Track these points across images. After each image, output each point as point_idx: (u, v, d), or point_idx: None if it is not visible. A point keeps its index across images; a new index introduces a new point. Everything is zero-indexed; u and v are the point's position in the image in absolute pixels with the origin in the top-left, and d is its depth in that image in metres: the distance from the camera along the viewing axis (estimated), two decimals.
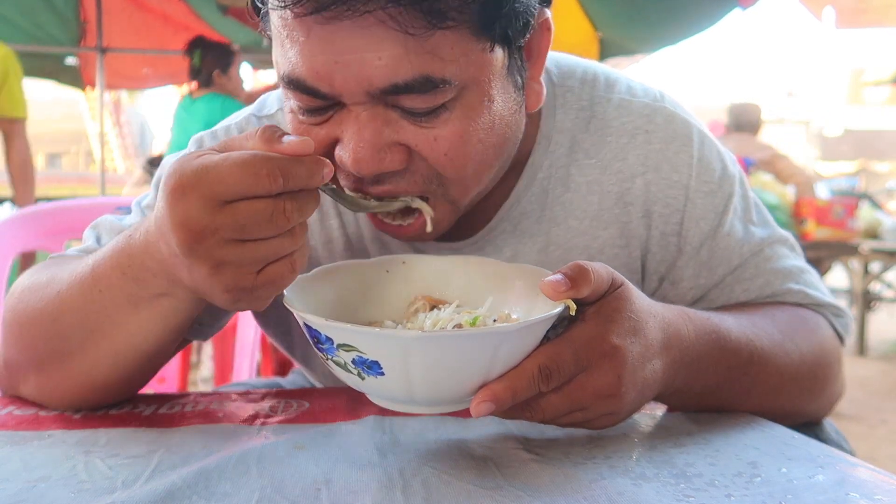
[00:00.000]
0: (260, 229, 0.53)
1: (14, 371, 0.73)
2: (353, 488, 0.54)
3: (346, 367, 0.55)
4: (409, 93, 0.59)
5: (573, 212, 0.80)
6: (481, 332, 0.53)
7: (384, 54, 0.57)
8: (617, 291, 0.60)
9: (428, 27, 0.56)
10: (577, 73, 0.83)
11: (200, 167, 0.52)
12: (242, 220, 0.52)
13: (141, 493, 0.53)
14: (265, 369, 2.38)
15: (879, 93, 17.97)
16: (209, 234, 0.53)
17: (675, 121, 0.81)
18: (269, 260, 0.55)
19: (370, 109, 0.60)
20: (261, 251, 0.54)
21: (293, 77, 0.60)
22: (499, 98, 0.64)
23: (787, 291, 0.81)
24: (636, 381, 0.59)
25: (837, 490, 0.54)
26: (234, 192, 0.52)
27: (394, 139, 0.62)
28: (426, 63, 0.58)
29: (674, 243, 0.81)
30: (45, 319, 0.68)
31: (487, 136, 0.64)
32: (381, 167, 0.62)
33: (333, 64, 0.58)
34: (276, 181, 0.52)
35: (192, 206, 0.52)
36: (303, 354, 0.91)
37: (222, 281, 0.55)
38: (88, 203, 1.86)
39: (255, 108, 0.86)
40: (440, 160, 0.63)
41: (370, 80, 0.58)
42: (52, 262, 0.77)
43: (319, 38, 0.57)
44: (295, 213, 0.54)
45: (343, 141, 0.62)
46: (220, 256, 0.54)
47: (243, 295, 0.56)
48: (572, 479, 0.55)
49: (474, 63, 0.60)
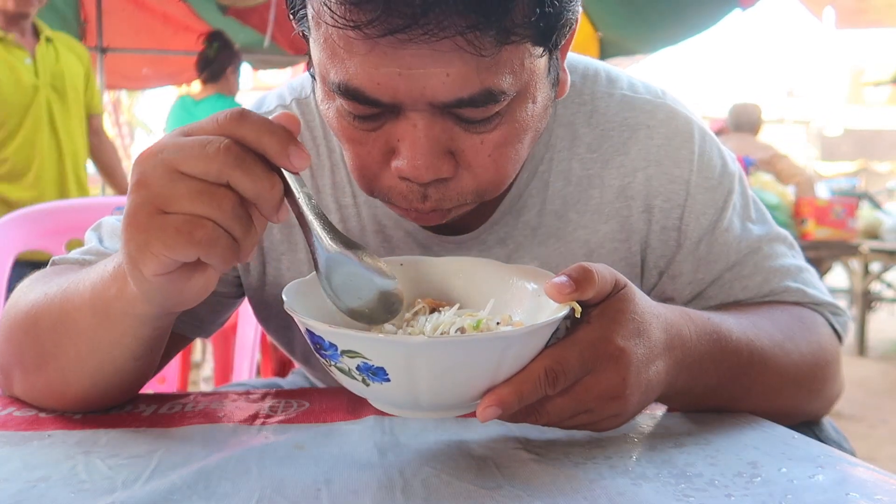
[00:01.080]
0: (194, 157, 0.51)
1: (7, 373, 0.74)
2: (353, 488, 0.54)
3: (351, 374, 0.55)
4: (470, 106, 0.58)
5: (574, 205, 0.80)
6: (488, 337, 0.53)
7: (452, 71, 0.56)
8: (620, 293, 0.60)
9: (496, 46, 0.55)
10: (578, 70, 0.83)
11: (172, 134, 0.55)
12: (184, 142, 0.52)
13: (141, 493, 0.52)
14: (265, 369, 2.38)
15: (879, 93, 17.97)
16: (157, 150, 0.52)
17: (677, 117, 0.81)
18: (179, 205, 0.51)
19: (428, 118, 0.59)
20: (179, 185, 0.51)
21: (351, 87, 0.58)
22: (540, 98, 0.64)
23: (785, 290, 0.82)
24: (641, 382, 0.59)
25: (837, 490, 0.54)
26: (198, 128, 0.53)
27: (447, 146, 0.61)
28: (489, 78, 0.57)
29: (673, 238, 0.81)
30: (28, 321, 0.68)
31: (526, 135, 0.65)
32: (438, 174, 0.61)
33: (398, 76, 0.56)
34: (233, 118, 0.53)
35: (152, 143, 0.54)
36: (303, 352, 0.91)
37: (132, 199, 0.52)
38: (88, 203, 1.87)
39: (254, 106, 0.87)
40: (484, 162, 0.63)
41: (435, 94, 0.57)
42: (53, 270, 0.77)
43: (385, 54, 0.55)
44: (239, 172, 0.51)
45: (400, 150, 0.61)
46: (148, 172, 0.52)
47: (135, 231, 0.52)
48: (572, 479, 0.55)
49: (528, 70, 0.60)
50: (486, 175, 0.64)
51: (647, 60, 6.25)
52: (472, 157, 0.62)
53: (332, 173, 0.82)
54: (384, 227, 0.81)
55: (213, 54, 3.44)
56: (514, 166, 0.66)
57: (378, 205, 0.81)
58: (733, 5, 4.02)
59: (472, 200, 0.66)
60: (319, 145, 0.83)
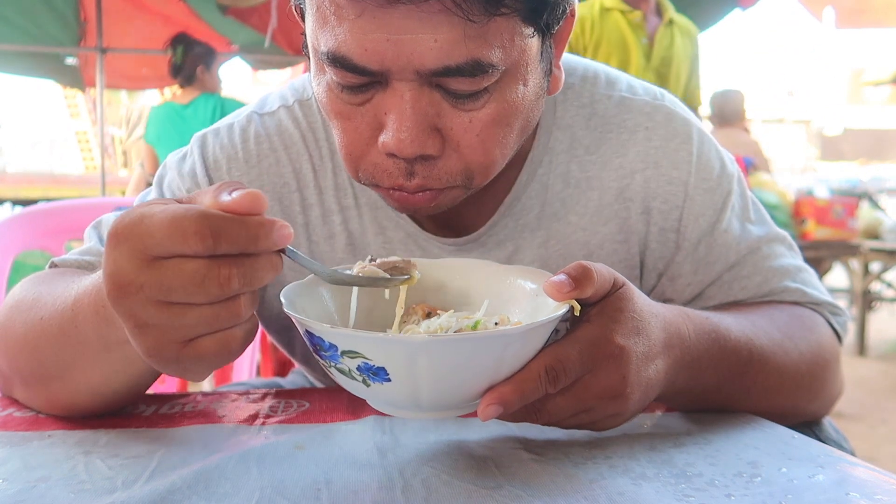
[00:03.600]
0: (188, 293, 0.46)
1: (6, 379, 0.74)
2: (353, 488, 0.54)
3: (351, 374, 0.54)
4: (458, 76, 0.59)
5: (573, 207, 0.80)
6: (489, 335, 0.53)
7: (440, 37, 0.56)
8: (619, 291, 0.60)
9: (486, 14, 0.56)
10: (578, 71, 0.83)
11: (137, 218, 0.47)
12: (168, 281, 0.46)
13: (141, 493, 0.52)
14: (265, 369, 2.38)
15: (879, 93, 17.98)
16: (134, 291, 0.47)
17: (675, 119, 0.81)
18: (199, 331, 0.49)
19: (416, 89, 0.60)
20: (187, 318, 0.47)
21: (339, 54, 0.58)
22: (531, 83, 0.65)
23: (784, 289, 0.82)
24: (640, 381, 0.59)
25: (837, 490, 0.54)
26: (163, 248, 0.46)
27: (435, 122, 0.62)
28: (478, 48, 0.57)
29: (672, 239, 0.81)
30: (27, 343, 0.67)
31: (516, 119, 0.65)
32: (423, 149, 0.61)
33: (385, 41, 0.57)
34: (205, 241, 0.45)
35: (120, 257, 0.47)
36: (303, 353, 0.91)
37: (145, 343, 0.49)
38: (88, 203, 1.87)
39: (256, 106, 0.86)
40: (472, 142, 0.63)
41: (422, 61, 0.57)
42: (45, 276, 0.75)
43: (373, 17, 0.56)
44: (235, 280, 0.46)
45: (387, 123, 0.61)
46: (143, 317, 0.48)
47: (167, 364, 0.50)
48: (572, 479, 0.55)
49: (518, 48, 0.60)
50: (474, 156, 0.64)
51: None
52: (460, 136, 0.63)
53: (335, 175, 0.82)
54: (385, 228, 0.81)
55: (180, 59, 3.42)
56: (503, 150, 0.66)
57: (380, 206, 0.81)
58: (733, 5, 4.03)
59: (462, 183, 0.66)
60: (322, 147, 0.83)
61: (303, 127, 0.83)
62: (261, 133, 0.83)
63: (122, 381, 0.65)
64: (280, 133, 0.83)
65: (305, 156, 0.82)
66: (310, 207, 0.82)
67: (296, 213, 0.82)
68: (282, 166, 0.82)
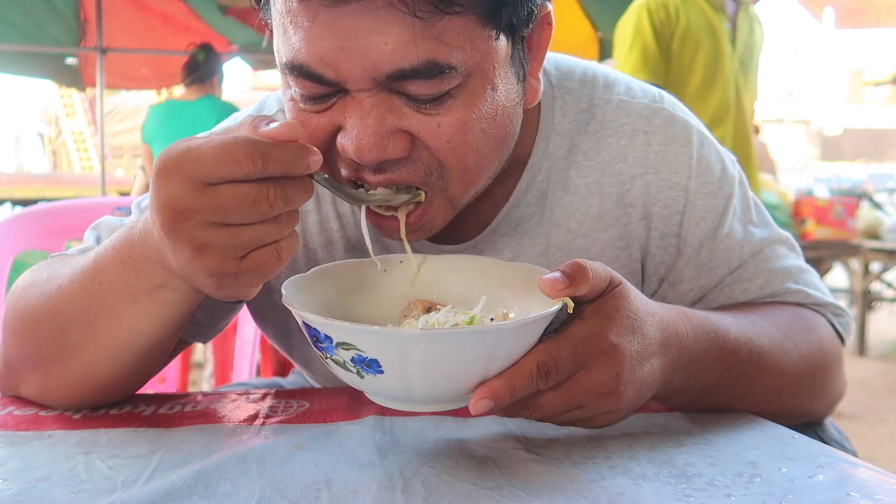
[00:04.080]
0: (241, 213, 0.53)
1: (14, 370, 0.73)
2: (353, 488, 0.54)
3: (345, 366, 0.55)
4: (415, 78, 0.58)
5: (573, 214, 0.80)
6: (480, 330, 0.54)
7: (391, 39, 0.56)
8: (615, 290, 0.60)
9: (436, 12, 0.56)
10: (575, 74, 0.82)
11: (185, 149, 0.53)
12: (224, 203, 0.52)
13: (141, 493, 0.53)
14: (265, 369, 2.38)
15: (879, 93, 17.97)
16: (190, 216, 0.53)
17: (675, 122, 0.81)
18: (252, 246, 0.55)
19: (374, 96, 0.60)
20: (243, 236, 0.54)
21: (296, 63, 0.59)
22: (501, 88, 0.64)
23: (786, 291, 0.81)
24: (634, 379, 0.59)
25: (837, 490, 0.54)
26: (215, 174, 0.52)
27: (397, 126, 0.61)
28: (433, 49, 0.57)
29: (673, 244, 0.80)
30: (46, 314, 0.68)
31: (489, 125, 0.64)
32: (383, 155, 0.61)
33: (339, 49, 0.57)
34: (255, 163, 0.52)
35: (174, 186, 0.53)
36: (302, 357, 0.91)
37: (205, 264, 0.55)
38: (88, 203, 1.87)
39: (254, 109, 0.86)
40: (442, 147, 0.62)
41: (376, 66, 0.57)
42: (52, 260, 0.77)
43: (325, 22, 0.57)
44: (279, 200, 0.53)
45: (346, 128, 0.61)
46: (202, 238, 0.54)
47: (227, 280, 0.56)
48: (572, 479, 0.55)
49: (480, 50, 0.60)
50: (449, 159, 0.63)
51: None
52: (430, 140, 0.62)
53: None
54: (382, 235, 0.81)
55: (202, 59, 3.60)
56: (478, 159, 0.65)
57: None
58: None
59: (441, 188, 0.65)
60: None
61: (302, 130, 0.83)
62: None
63: (149, 336, 0.66)
64: None
65: None
66: (307, 214, 0.82)
67: None
68: None
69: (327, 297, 0.65)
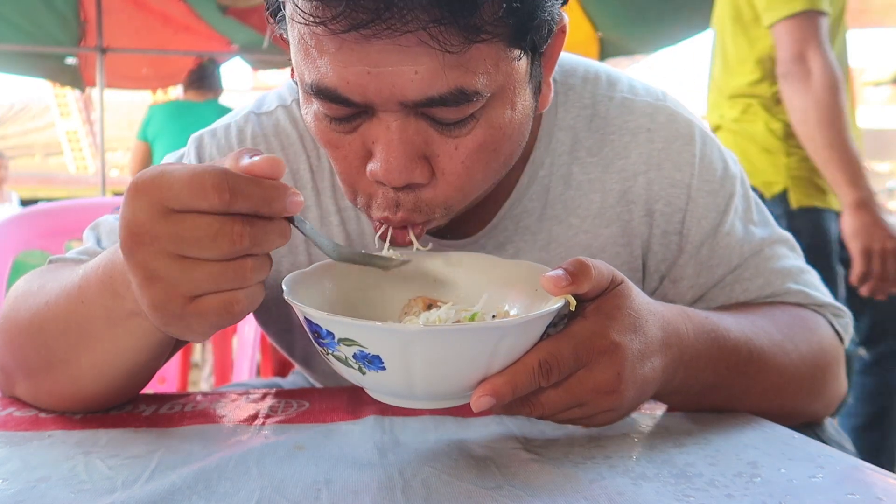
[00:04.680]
0: (200, 246, 0.49)
1: (8, 376, 0.74)
2: (353, 488, 0.54)
3: (347, 362, 0.55)
4: (442, 105, 0.58)
5: (575, 210, 0.80)
6: (483, 326, 0.53)
7: (420, 69, 0.55)
8: (617, 288, 0.60)
9: (464, 43, 0.55)
10: (578, 72, 0.83)
11: (159, 172, 0.50)
12: (182, 232, 0.49)
13: (141, 493, 0.53)
14: (265, 369, 2.38)
15: (879, 93, 17.97)
16: (148, 241, 0.50)
17: (678, 120, 0.81)
18: (204, 287, 0.51)
19: (402, 119, 0.59)
20: (195, 272, 0.50)
21: (322, 87, 0.58)
22: (519, 106, 0.63)
23: (786, 291, 0.81)
24: (636, 378, 0.59)
25: (837, 490, 0.54)
26: (180, 201, 0.48)
27: (422, 150, 0.61)
28: (460, 77, 0.56)
29: (675, 242, 0.81)
30: (32, 329, 0.67)
31: (503, 143, 0.64)
32: (411, 178, 0.61)
33: (366, 74, 0.56)
34: (222, 196, 0.48)
35: (138, 207, 0.50)
36: (303, 355, 0.91)
37: (151, 295, 0.51)
38: (88, 203, 1.87)
39: (254, 106, 0.86)
40: (457, 168, 0.62)
41: (404, 93, 0.57)
42: (48, 268, 0.76)
43: (352, 50, 0.55)
44: (245, 239, 0.49)
45: (375, 153, 0.61)
46: (153, 267, 0.50)
47: (171, 319, 0.52)
48: (572, 479, 0.56)
49: (503, 72, 0.59)
50: (457, 182, 0.63)
51: (646, 60, 6.25)
52: (445, 164, 0.62)
53: (332, 175, 0.82)
54: None
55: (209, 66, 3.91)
56: (485, 176, 0.65)
57: None
58: None
59: (440, 216, 0.65)
60: (319, 148, 0.82)
61: (300, 127, 0.83)
62: (258, 133, 0.83)
63: (127, 361, 0.64)
64: (277, 133, 0.83)
65: (303, 157, 0.82)
66: (307, 209, 0.82)
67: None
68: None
69: (328, 293, 0.65)
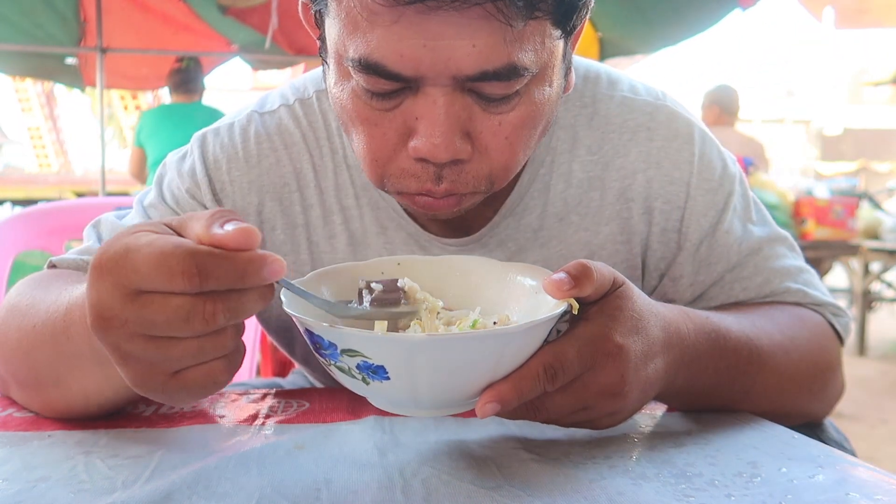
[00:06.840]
0: (172, 328, 0.46)
1: (3, 381, 0.74)
2: (353, 488, 0.54)
3: (350, 373, 0.54)
4: (494, 80, 0.58)
5: (575, 207, 0.80)
6: (488, 333, 0.53)
7: (479, 42, 0.55)
8: (619, 290, 0.60)
9: (524, 18, 0.55)
10: (579, 71, 0.83)
11: (122, 249, 0.46)
12: (152, 316, 0.45)
13: (141, 493, 0.52)
14: (265, 369, 2.38)
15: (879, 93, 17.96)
16: (117, 325, 0.47)
17: (677, 119, 0.81)
18: (184, 363, 0.48)
19: (449, 94, 0.59)
20: (172, 351, 0.47)
21: (371, 60, 0.57)
22: (555, 84, 0.65)
23: (785, 290, 0.82)
24: (639, 379, 0.59)
25: (837, 490, 0.54)
26: (148, 285, 0.45)
27: (466, 126, 0.61)
28: (514, 52, 0.57)
29: (674, 240, 0.81)
30: (20, 352, 0.67)
31: (540, 120, 0.65)
32: (456, 154, 0.60)
33: (422, 48, 0.55)
34: (192, 280, 0.44)
35: (103, 290, 0.47)
36: (303, 354, 0.91)
37: (130, 374, 0.49)
38: (88, 203, 1.87)
39: (256, 105, 0.86)
40: (500, 144, 0.62)
41: (459, 67, 0.56)
42: (41, 278, 0.75)
43: (411, 23, 0.55)
44: (220, 315, 0.46)
45: (418, 129, 0.60)
46: (127, 349, 0.47)
47: (154, 394, 0.50)
48: (572, 479, 0.55)
49: (548, 50, 0.60)
50: (501, 158, 0.63)
51: (647, 60, 6.25)
52: (489, 139, 0.62)
53: (336, 175, 0.82)
54: (386, 228, 0.81)
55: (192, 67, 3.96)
56: (526, 152, 0.66)
57: (381, 207, 0.81)
58: (733, 5, 4.02)
59: (485, 188, 0.66)
60: (323, 146, 0.82)
61: (303, 126, 0.83)
62: (261, 132, 0.83)
63: (116, 390, 0.64)
64: (280, 132, 0.83)
65: (306, 155, 0.82)
66: (310, 207, 0.82)
67: (296, 213, 0.82)
68: (282, 166, 0.82)
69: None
